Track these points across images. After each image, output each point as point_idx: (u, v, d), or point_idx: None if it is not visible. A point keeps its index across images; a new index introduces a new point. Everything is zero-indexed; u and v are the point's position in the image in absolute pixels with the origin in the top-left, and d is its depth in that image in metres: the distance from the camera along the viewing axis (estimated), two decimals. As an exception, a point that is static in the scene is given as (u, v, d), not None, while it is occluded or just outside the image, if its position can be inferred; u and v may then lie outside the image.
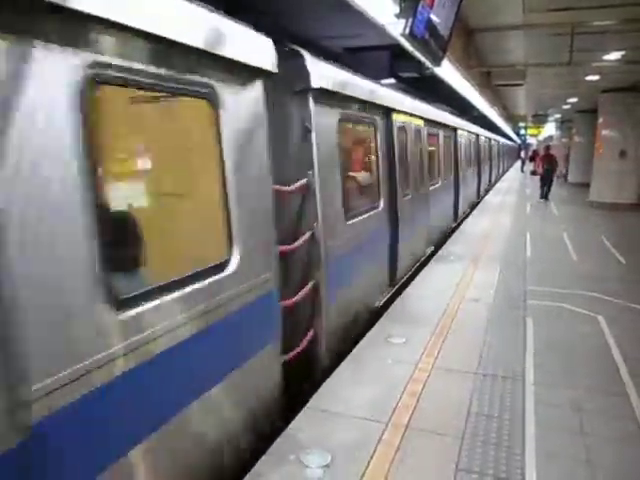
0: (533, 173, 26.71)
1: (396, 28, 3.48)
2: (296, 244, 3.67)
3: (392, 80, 9.88)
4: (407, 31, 3.37)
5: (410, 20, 3.33)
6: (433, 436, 3.11)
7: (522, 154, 41.04)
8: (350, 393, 3.63)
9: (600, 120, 15.32)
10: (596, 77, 12.11)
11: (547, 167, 16.50)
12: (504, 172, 32.80)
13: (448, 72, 7.69)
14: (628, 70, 11.22)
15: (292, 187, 3.68)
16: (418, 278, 6.75)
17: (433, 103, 10.43)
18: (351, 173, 5.42)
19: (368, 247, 5.30)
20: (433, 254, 8.24)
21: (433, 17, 3.73)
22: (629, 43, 8.65)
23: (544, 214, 13.27)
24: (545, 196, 16.36)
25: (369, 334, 4.80)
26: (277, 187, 3.33)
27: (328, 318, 4.15)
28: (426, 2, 3.39)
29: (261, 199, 3.12)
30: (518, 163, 41.67)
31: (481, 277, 6.80)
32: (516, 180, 26.98)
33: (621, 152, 14.42)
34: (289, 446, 2.98)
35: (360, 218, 4.96)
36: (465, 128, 13.41)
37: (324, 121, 4.04)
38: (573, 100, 17.84)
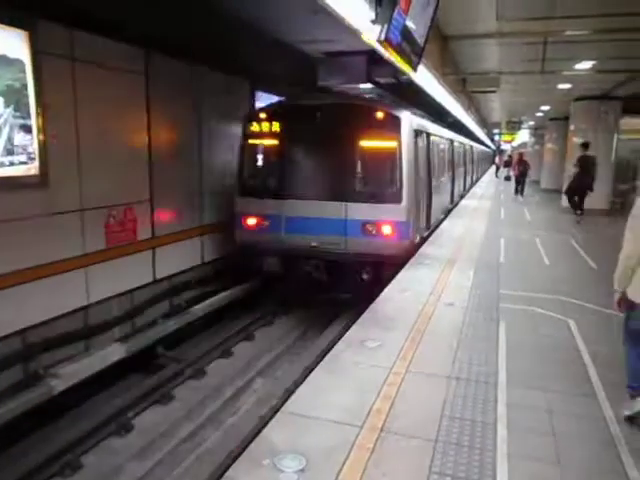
0: (507, 179, 27.19)
1: (372, 33, 3.50)
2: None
3: (369, 85, 9.98)
4: (382, 37, 3.39)
5: (385, 26, 3.35)
6: (407, 439, 3.12)
7: (497, 160, 41.62)
8: (325, 397, 3.63)
9: (572, 127, 15.64)
10: (568, 86, 12.38)
11: (522, 170, 19.73)
12: (481, 176, 33.91)
13: (424, 79, 7.76)
14: (599, 79, 11.50)
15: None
16: (394, 282, 6.78)
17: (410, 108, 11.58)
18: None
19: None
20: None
21: (408, 24, 3.76)
22: (600, 53, 8.88)
23: (517, 219, 13.47)
24: (520, 192, 19.68)
25: (344, 338, 4.82)
26: None
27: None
28: (401, 9, 3.43)
29: None
30: (493, 169, 42.23)
31: (456, 281, 6.86)
32: (491, 185, 27.34)
33: (592, 159, 14.72)
34: (263, 450, 2.96)
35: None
36: (469, 143, 22.21)
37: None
38: (546, 108, 18.22)
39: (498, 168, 36.84)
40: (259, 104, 9.24)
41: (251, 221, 7.71)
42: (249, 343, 7.40)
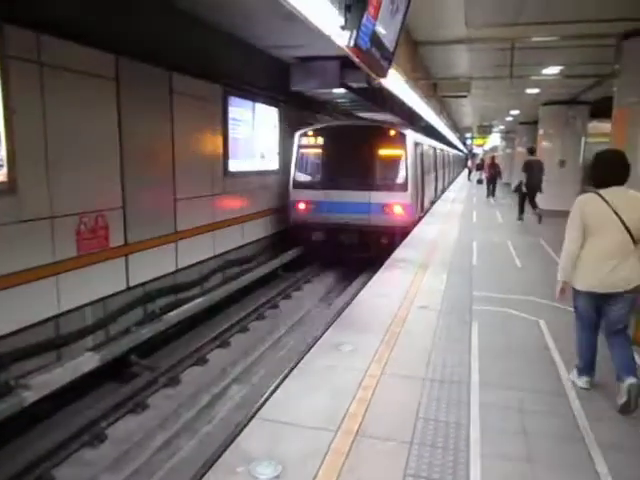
0: (479, 182, 27.60)
1: (342, 39, 3.53)
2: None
3: (342, 90, 10.05)
4: (352, 43, 3.42)
5: (354, 32, 3.39)
6: (382, 442, 3.14)
7: (469, 163, 42.16)
8: (300, 402, 3.63)
9: (540, 131, 15.99)
10: (536, 90, 12.64)
11: (493, 173, 20.90)
12: (455, 177, 35.93)
13: (395, 84, 7.85)
14: (567, 84, 11.77)
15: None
16: (368, 285, 6.83)
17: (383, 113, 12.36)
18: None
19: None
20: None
21: (378, 29, 3.80)
22: (567, 58, 9.09)
23: (490, 222, 13.69)
24: (492, 195, 20.78)
25: (319, 342, 4.83)
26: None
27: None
28: (370, 15, 3.46)
29: None
30: (466, 172, 42.75)
31: (430, 284, 6.94)
32: (463, 188, 27.69)
33: (560, 162, 15.07)
34: (238, 458, 2.94)
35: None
36: (447, 149, 26.69)
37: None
38: (515, 112, 18.57)
39: (470, 171, 37.31)
40: (232, 109, 9.22)
41: (302, 205, 11.09)
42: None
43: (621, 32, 6.87)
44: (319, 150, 11.33)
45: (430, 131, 20.13)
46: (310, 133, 11.30)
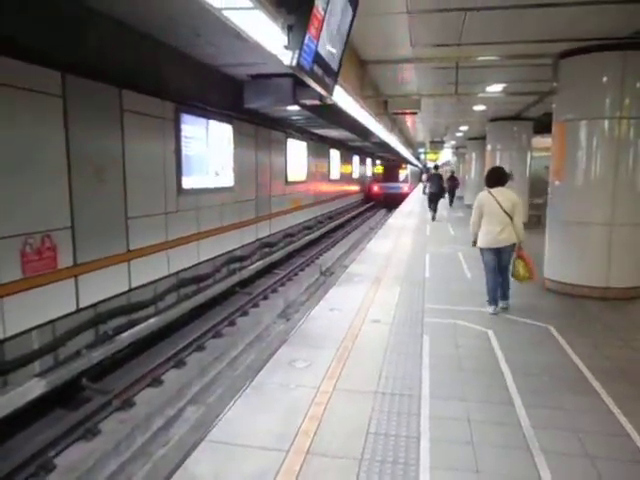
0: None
1: (286, 58, 3.58)
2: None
3: (296, 107, 10.12)
4: (294, 63, 3.48)
5: (297, 52, 3.44)
6: (332, 460, 3.15)
7: (423, 177, 43.01)
8: (251, 422, 3.60)
9: (488, 147, 16.49)
10: (482, 107, 13.05)
11: (451, 185, 23.93)
12: (412, 190, 39.71)
13: (344, 101, 7.97)
14: (511, 101, 12.21)
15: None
16: (323, 301, 6.86)
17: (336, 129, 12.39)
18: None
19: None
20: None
21: (320, 49, 3.86)
22: (509, 77, 9.43)
23: (442, 235, 13.97)
24: (450, 204, 24.00)
25: (273, 359, 4.81)
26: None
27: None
28: (312, 35, 3.52)
29: None
30: (421, 186, 43.66)
31: (383, 297, 7.03)
32: (418, 202, 28.21)
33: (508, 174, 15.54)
34: (186, 482, 2.90)
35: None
36: (412, 167, 46.01)
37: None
38: (464, 128, 19.09)
39: (425, 185, 38.06)
40: (185, 127, 9.15)
41: (375, 188, 37.69)
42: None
43: (558, 52, 7.20)
44: (382, 169, 37.95)
45: (384, 147, 20.92)
46: (378, 163, 40.08)
